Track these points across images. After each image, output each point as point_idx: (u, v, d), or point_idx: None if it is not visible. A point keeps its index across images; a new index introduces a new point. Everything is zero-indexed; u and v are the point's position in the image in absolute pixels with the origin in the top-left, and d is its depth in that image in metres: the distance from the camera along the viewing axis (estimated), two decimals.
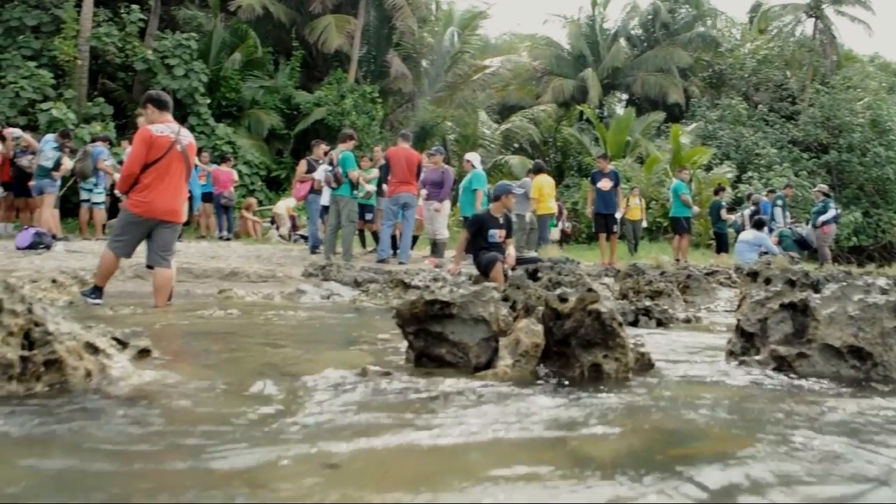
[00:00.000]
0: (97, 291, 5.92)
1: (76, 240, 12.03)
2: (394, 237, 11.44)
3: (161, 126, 5.83)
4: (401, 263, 10.47)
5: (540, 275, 5.65)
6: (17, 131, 12.32)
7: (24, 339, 2.22)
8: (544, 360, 3.08)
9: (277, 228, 16.20)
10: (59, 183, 11.60)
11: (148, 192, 5.76)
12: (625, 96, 33.48)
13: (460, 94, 28.22)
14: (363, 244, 12.36)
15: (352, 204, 10.57)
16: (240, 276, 9.25)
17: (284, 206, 16.41)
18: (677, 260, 13.11)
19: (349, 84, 22.64)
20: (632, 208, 15.86)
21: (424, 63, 26.94)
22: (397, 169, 10.79)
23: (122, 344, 2.99)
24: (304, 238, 14.70)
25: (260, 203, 17.54)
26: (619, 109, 31.60)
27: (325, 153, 11.84)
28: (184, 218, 6.20)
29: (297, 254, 12.20)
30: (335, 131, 20.41)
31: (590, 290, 3.09)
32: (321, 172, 11.32)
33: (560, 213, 17.12)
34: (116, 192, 8.75)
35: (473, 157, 12.29)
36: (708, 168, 23.73)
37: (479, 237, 8.43)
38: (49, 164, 11.25)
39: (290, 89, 22.25)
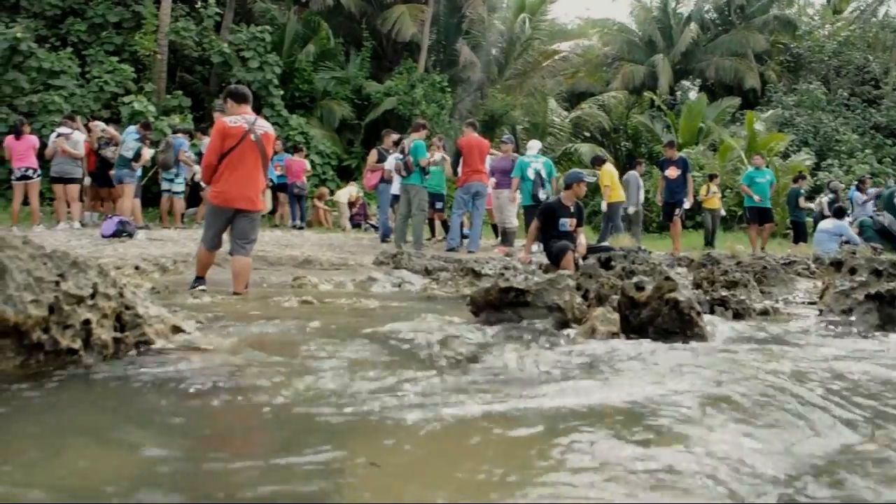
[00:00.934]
0: (199, 280, 6.12)
1: (156, 228, 12.45)
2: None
3: (236, 117, 5.98)
4: (470, 252, 10.48)
5: (613, 264, 5.59)
6: (101, 125, 12.79)
7: (116, 321, 2.32)
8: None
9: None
10: (138, 173, 11.99)
11: (224, 182, 5.93)
12: (697, 82, 32.62)
13: (529, 81, 28.00)
14: (432, 233, 12.42)
15: (422, 193, 10.62)
16: (313, 264, 9.42)
17: (346, 194, 16.64)
18: (763, 248, 12.82)
19: (419, 73, 22.72)
20: (711, 197, 15.31)
21: (494, 51, 26.83)
22: (469, 158, 10.79)
23: (202, 325, 3.08)
24: (375, 227, 14.87)
25: (331, 192, 17.79)
26: (692, 96, 30.83)
27: (396, 143, 11.93)
28: (261, 206, 6.33)
29: (368, 242, 12.35)
30: (405, 121, 20.55)
31: (667, 278, 3.05)
32: (392, 161, 11.42)
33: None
34: (201, 182, 9.00)
35: (534, 144, 12.17)
36: (785, 156, 22.97)
37: (549, 226, 8.37)
38: (129, 154, 11.63)
39: (361, 80, 22.46)
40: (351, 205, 16.65)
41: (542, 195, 10.88)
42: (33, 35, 16.95)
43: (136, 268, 6.97)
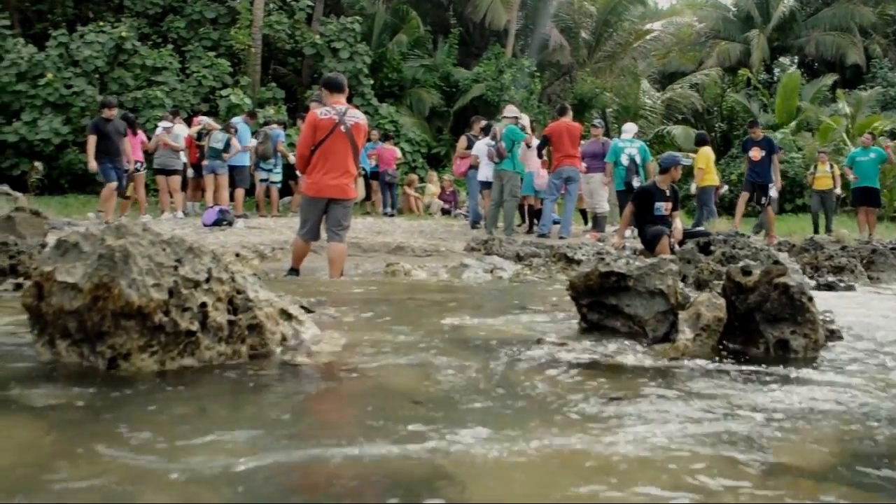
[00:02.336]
0: (293, 272, 6.28)
1: (254, 217, 12.84)
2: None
3: (326, 108, 6.10)
4: (561, 238, 10.39)
5: (712, 248, 5.43)
6: (204, 119, 13.27)
7: (229, 304, 2.40)
8: (726, 335, 2.97)
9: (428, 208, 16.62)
10: (228, 164, 12.35)
11: (316, 173, 6.08)
12: (795, 59, 31.20)
13: (620, 63, 27.46)
14: (522, 219, 12.36)
15: (514, 178, 10.57)
16: (405, 250, 9.54)
17: (433, 189, 16.86)
18: (870, 234, 12.19)
19: (507, 59, 22.62)
20: (819, 176, 14.43)
21: (583, 33, 26.41)
22: (560, 143, 10.67)
23: (309, 311, 3.16)
24: (465, 215, 14.91)
25: (421, 180, 17.95)
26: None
27: (484, 128, 11.91)
28: (354, 194, 6.43)
29: (458, 229, 12.39)
30: (493, 107, 20.50)
31: (776, 262, 2.94)
32: (482, 148, 11.41)
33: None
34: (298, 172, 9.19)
35: (629, 127, 11.89)
36: (893, 136, 21.76)
37: (644, 210, 8.21)
38: (219, 146, 12.01)
39: (449, 67, 22.53)
40: (451, 192, 16.84)
41: (635, 183, 10.63)
42: (137, 34, 17.73)
43: (237, 255, 7.19)
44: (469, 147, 12.34)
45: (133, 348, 2.13)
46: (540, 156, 11.31)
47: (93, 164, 10.58)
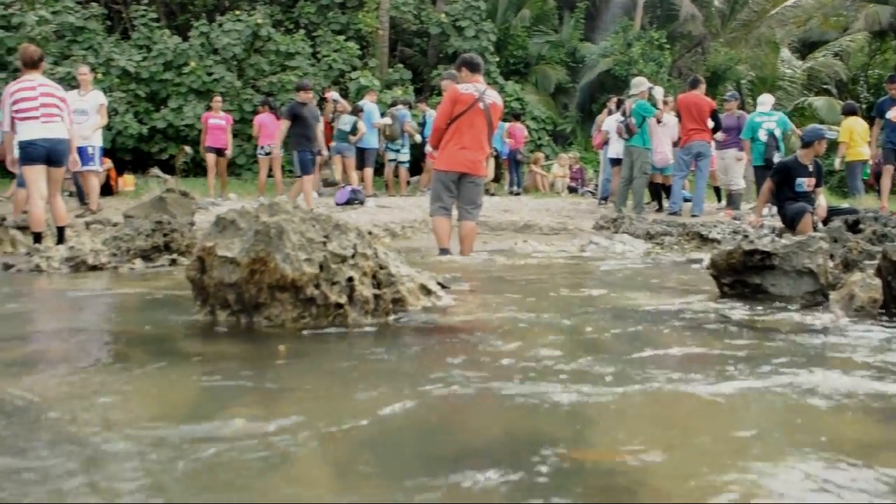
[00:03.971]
0: (444, 252, 6.29)
1: (383, 196, 13.14)
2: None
3: (467, 85, 6.13)
4: (693, 216, 10.07)
5: (861, 227, 5.14)
6: (335, 94, 13.64)
7: (373, 279, 2.49)
8: (882, 315, 2.82)
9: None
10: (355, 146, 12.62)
11: (451, 146, 6.12)
12: None
13: (756, 31, 26.08)
14: (652, 197, 12.04)
15: (645, 155, 10.30)
16: (533, 228, 9.53)
17: (558, 170, 16.69)
18: None
19: (635, 31, 21.99)
20: None
21: (716, 2, 25.28)
22: (687, 116, 10.31)
23: (444, 287, 3.23)
24: (592, 193, 14.69)
25: (546, 157, 17.79)
26: None
27: (617, 104, 11.67)
28: (484, 172, 6.45)
29: (585, 207, 12.23)
30: (622, 82, 20.00)
31: None
32: (612, 123, 11.18)
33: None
34: (428, 148, 9.30)
35: (766, 99, 11.25)
36: None
37: (784, 186, 7.82)
38: (347, 128, 12.30)
39: (576, 42, 22.15)
40: (579, 170, 16.68)
41: (775, 158, 10.08)
42: (271, 20, 18.39)
43: (369, 233, 7.39)
44: None
45: (287, 319, 2.26)
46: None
47: (277, 151, 10.36)
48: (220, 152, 12.65)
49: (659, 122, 10.50)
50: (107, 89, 13.28)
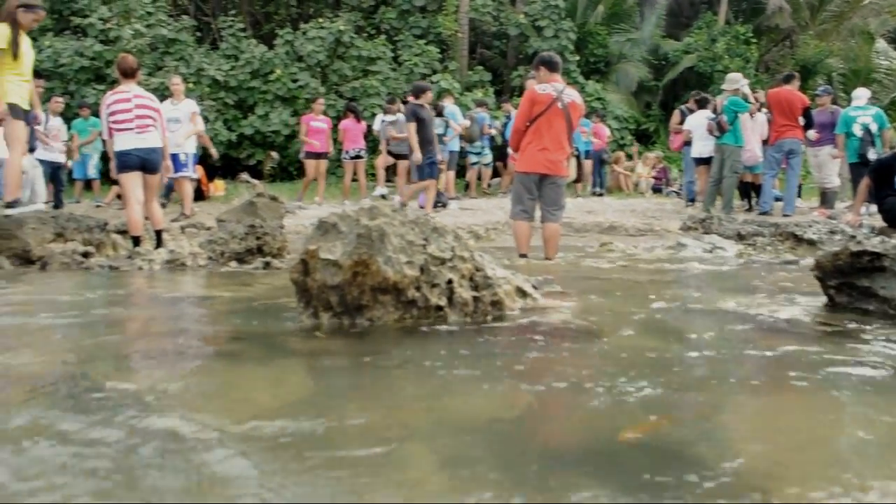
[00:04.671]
0: (522, 257, 6.28)
1: (465, 198, 13.19)
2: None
3: (545, 85, 6.09)
4: (785, 216, 9.75)
5: None
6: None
7: (470, 281, 2.51)
8: None
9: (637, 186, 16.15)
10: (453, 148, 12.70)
11: (531, 148, 6.10)
12: None
13: (848, 22, 25.04)
14: (741, 196, 11.71)
15: (736, 153, 10.01)
16: (618, 230, 9.40)
17: (641, 171, 16.37)
18: None
19: (720, 27, 21.43)
20: None
21: None
22: (779, 112, 9.98)
23: (537, 289, 3.22)
24: (677, 193, 14.39)
25: (629, 157, 17.51)
26: None
27: (699, 101, 11.39)
28: (566, 172, 6.39)
29: (671, 207, 12.00)
30: (706, 78, 19.54)
31: None
32: (697, 121, 10.93)
33: None
34: (509, 149, 9.27)
35: (861, 93, 10.74)
36: None
37: (884, 183, 7.50)
38: (440, 130, 12.37)
39: (657, 39, 21.75)
40: (662, 170, 16.35)
41: (871, 155, 9.67)
42: (353, 27, 18.71)
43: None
44: (682, 122, 11.85)
45: (389, 321, 2.29)
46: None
47: (418, 155, 9.79)
48: (319, 156, 12.50)
49: (752, 116, 10.21)
50: (198, 98, 13.73)
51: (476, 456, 1.29)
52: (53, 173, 10.66)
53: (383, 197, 12.72)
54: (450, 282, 2.36)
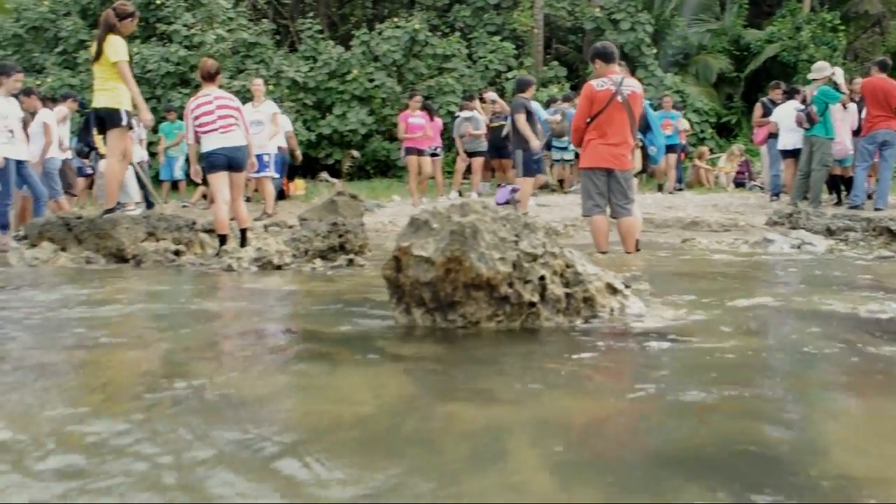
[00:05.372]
0: (603, 254, 6.21)
1: (542, 195, 13.09)
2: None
3: (603, 80, 6.01)
4: (878, 210, 9.35)
5: None
6: (494, 95, 13.76)
7: (561, 278, 2.49)
8: None
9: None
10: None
11: (594, 143, 6.04)
12: None
13: None
14: (830, 190, 11.28)
15: (826, 145, 9.65)
16: (700, 225, 9.18)
17: (724, 166, 15.93)
18: None
19: (804, 14, 20.69)
20: None
21: None
22: (873, 102, 9.57)
23: (626, 287, 3.17)
24: (761, 187, 13.97)
25: (711, 151, 17.08)
26: None
27: (786, 92, 11.03)
28: (631, 165, 6.27)
29: (755, 202, 11.66)
30: (790, 68, 18.89)
31: None
32: (784, 113, 10.58)
33: None
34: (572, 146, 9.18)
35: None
36: None
37: None
38: None
39: (739, 29, 21.14)
40: (744, 163, 15.89)
41: None
42: (427, 25, 18.81)
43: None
44: (766, 114, 11.49)
45: (482, 317, 2.30)
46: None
47: (536, 143, 9.40)
48: (421, 152, 12.12)
49: (845, 107, 9.83)
50: (277, 99, 14.05)
51: (579, 458, 1.28)
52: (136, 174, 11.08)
53: (460, 194, 12.76)
54: (542, 278, 2.35)
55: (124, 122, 6.92)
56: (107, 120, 6.99)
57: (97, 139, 9.11)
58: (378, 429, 1.41)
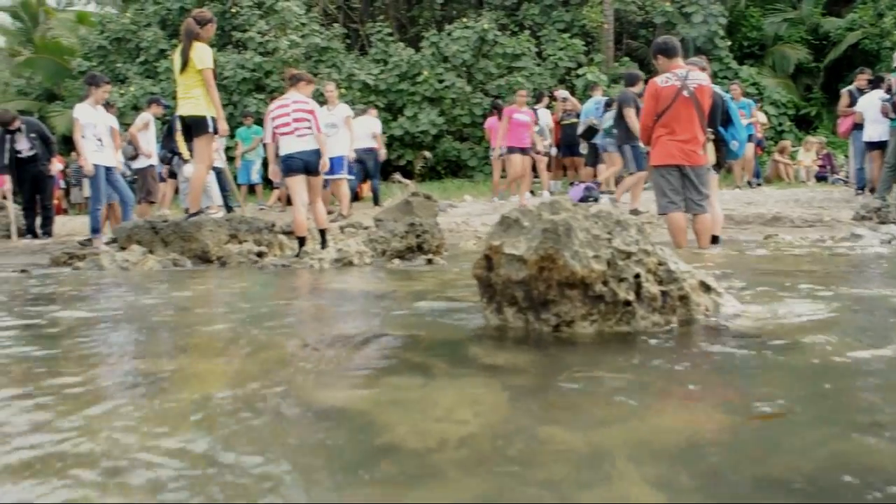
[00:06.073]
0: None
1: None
2: None
3: (667, 75, 5.90)
4: None
5: None
6: (565, 93, 13.68)
7: (654, 275, 2.45)
8: None
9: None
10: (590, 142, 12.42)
11: (663, 140, 5.93)
12: None
13: None
14: None
15: None
16: (782, 221, 8.93)
17: (803, 159, 15.41)
18: None
19: (886, 0, 19.89)
20: None
21: None
22: None
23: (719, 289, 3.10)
24: (844, 181, 13.51)
25: (792, 144, 16.58)
26: None
27: (871, 81, 10.62)
28: (703, 160, 6.13)
29: (839, 196, 11.28)
30: (872, 57, 18.19)
31: None
32: (868, 103, 10.20)
33: None
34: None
35: None
36: None
37: None
38: (611, 123, 12.06)
39: (817, 17, 20.46)
40: (826, 156, 15.38)
41: None
42: (496, 25, 18.80)
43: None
44: (852, 104, 11.10)
45: (576, 316, 2.28)
46: None
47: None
48: (524, 151, 11.73)
49: None
50: (350, 102, 14.25)
51: (684, 479, 1.25)
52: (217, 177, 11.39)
53: (532, 193, 12.69)
54: (637, 276, 2.32)
55: (211, 129, 7.12)
56: (193, 127, 7.22)
57: (180, 144, 9.39)
58: (484, 449, 1.40)
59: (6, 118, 9.89)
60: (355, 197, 13.43)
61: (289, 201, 11.52)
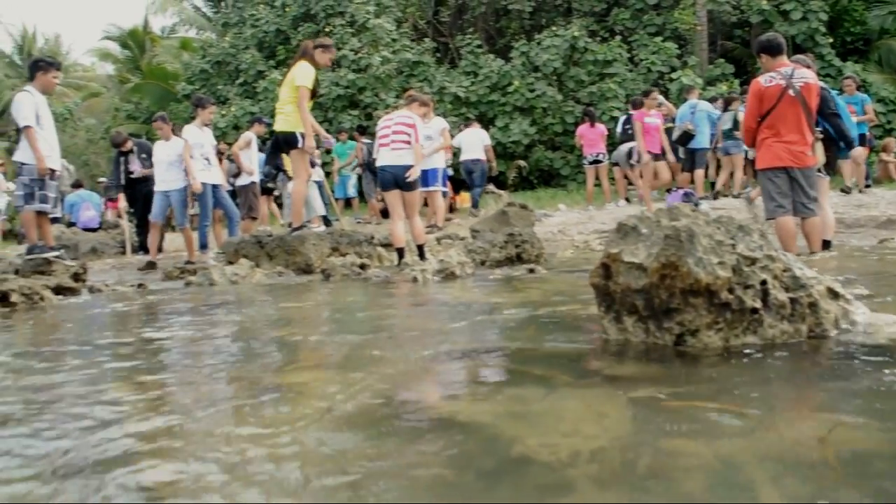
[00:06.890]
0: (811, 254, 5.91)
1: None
2: None
3: (771, 74, 5.69)
4: None
5: None
6: (660, 97, 13.38)
7: (780, 282, 2.37)
8: None
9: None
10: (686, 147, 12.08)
11: (769, 141, 5.72)
12: None
13: None
14: None
15: None
16: None
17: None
18: None
19: None
20: None
21: None
22: None
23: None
24: None
25: None
26: None
27: None
28: (812, 161, 5.86)
29: None
30: None
31: None
32: None
33: None
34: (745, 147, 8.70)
35: None
36: None
37: None
38: (729, 125, 11.74)
39: None
40: None
41: None
42: (586, 32, 18.64)
43: None
44: None
45: (701, 325, 2.23)
46: None
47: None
48: (657, 157, 11.17)
49: None
50: (442, 115, 14.38)
51: (824, 495, 1.21)
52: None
53: (627, 201, 12.48)
54: (763, 282, 2.26)
55: (300, 144, 7.33)
56: (283, 142, 7.47)
57: (286, 161, 9.69)
58: (615, 463, 1.39)
59: (119, 140, 10.44)
60: (450, 208, 13.54)
61: (384, 214, 11.73)
